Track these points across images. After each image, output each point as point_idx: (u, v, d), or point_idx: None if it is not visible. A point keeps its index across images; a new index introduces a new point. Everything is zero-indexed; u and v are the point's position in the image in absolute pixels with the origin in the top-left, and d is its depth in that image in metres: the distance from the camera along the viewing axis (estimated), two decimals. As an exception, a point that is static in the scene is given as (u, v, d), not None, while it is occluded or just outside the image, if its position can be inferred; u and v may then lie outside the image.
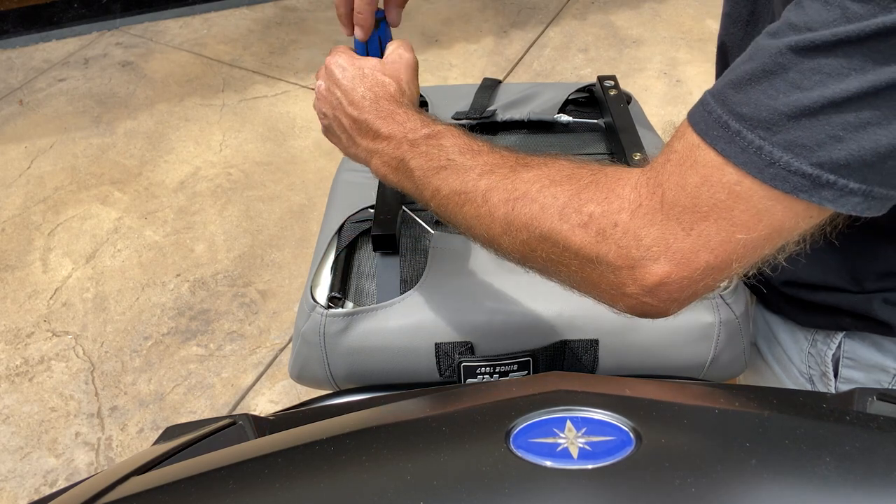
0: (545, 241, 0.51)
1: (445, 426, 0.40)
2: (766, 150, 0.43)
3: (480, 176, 0.55)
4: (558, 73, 2.73)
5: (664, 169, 0.48)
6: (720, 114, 0.45)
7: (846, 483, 0.35)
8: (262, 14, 3.14)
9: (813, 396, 0.52)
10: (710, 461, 0.36)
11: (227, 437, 0.47)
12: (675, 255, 0.47)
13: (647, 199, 0.48)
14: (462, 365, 0.71)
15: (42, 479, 1.58)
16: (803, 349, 0.78)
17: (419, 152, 0.59)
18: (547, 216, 0.51)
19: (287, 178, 2.31)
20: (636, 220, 0.48)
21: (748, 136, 0.44)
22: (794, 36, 0.42)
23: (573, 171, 0.52)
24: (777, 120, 0.43)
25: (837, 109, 0.41)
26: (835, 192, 0.43)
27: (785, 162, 0.43)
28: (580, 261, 0.50)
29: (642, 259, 0.47)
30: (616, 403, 0.39)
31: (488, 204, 0.54)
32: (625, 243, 0.48)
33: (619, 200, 0.49)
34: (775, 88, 0.43)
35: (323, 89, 0.68)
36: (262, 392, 1.73)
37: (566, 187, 0.51)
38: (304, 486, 0.37)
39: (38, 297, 1.96)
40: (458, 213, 0.56)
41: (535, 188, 0.52)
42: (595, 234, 0.49)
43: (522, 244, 0.53)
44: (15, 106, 2.65)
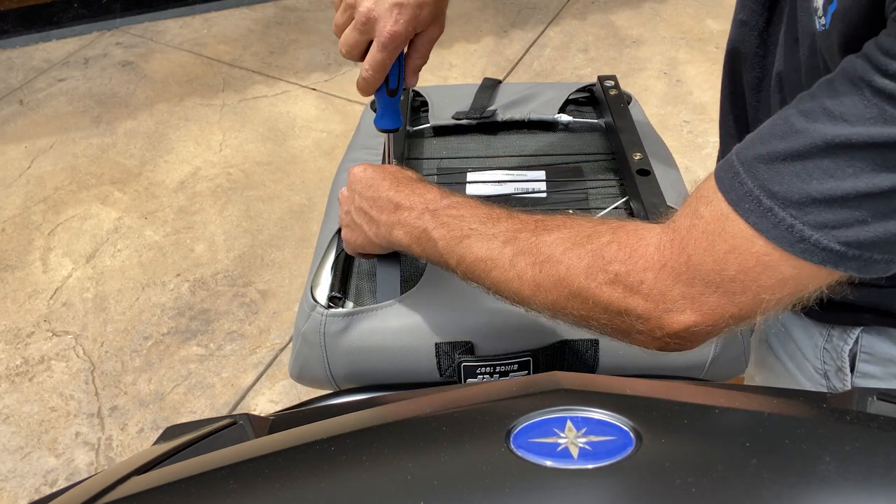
0: (574, 298, 0.54)
1: (445, 426, 0.40)
2: (798, 228, 0.45)
3: (505, 243, 0.58)
4: (558, 73, 2.73)
5: (690, 234, 0.50)
6: (751, 187, 0.47)
7: (846, 483, 0.35)
8: (262, 14, 3.14)
9: (813, 396, 0.52)
10: (711, 461, 0.36)
11: (227, 437, 0.47)
12: (701, 308, 0.50)
13: (671, 260, 0.50)
14: (462, 365, 0.71)
15: (42, 478, 1.58)
16: (818, 345, 0.78)
17: (440, 222, 0.62)
18: (574, 276, 0.54)
19: (287, 178, 2.31)
20: (662, 278, 0.50)
21: (780, 214, 0.46)
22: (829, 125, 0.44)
23: (592, 230, 0.55)
24: (809, 203, 0.45)
25: (867, 199, 0.44)
26: (860, 263, 0.46)
27: (815, 240, 0.45)
28: (609, 314, 0.53)
29: (669, 311, 0.50)
30: (616, 403, 0.39)
31: (516, 269, 0.57)
32: (652, 298, 0.51)
33: (642, 260, 0.51)
34: (808, 174, 0.45)
35: (345, 191, 0.73)
36: (262, 392, 1.73)
37: (588, 248, 0.54)
38: (304, 486, 0.37)
39: (39, 296, 1.96)
40: (485, 278, 0.59)
41: (559, 251, 0.55)
42: (622, 291, 0.52)
43: (553, 303, 0.56)
44: (15, 106, 2.65)
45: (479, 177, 0.89)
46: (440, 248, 0.62)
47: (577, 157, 0.91)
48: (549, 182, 0.87)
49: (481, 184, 0.88)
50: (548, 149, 0.94)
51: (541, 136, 0.96)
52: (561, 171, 0.89)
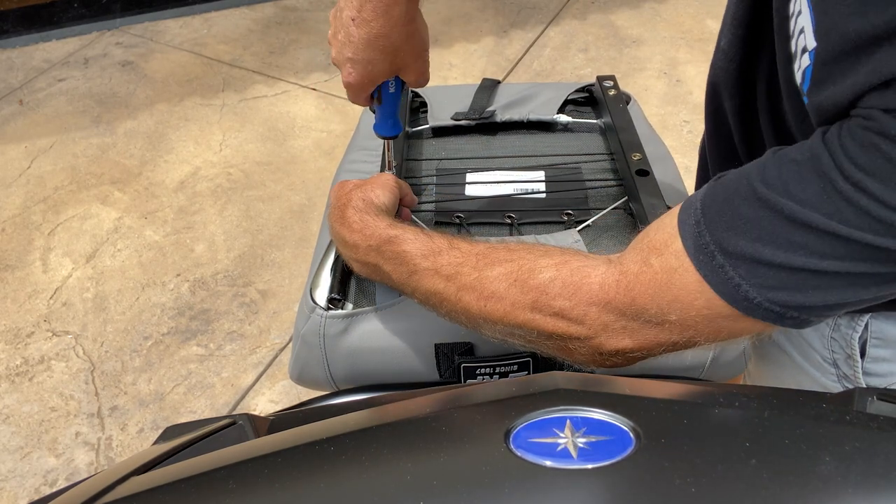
0: (520, 328, 0.57)
1: (445, 426, 0.40)
2: (744, 288, 0.48)
3: (448, 279, 0.60)
4: (558, 73, 2.73)
5: (638, 279, 0.53)
6: (709, 241, 0.49)
7: (846, 483, 0.35)
8: (262, 14, 3.14)
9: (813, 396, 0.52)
10: (710, 461, 0.36)
11: (226, 437, 0.47)
12: (638, 339, 0.54)
13: (616, 299, 0.53)
14: (462, 366, 0.71)
15: (42, 478, 1.58)
16: (825, 335, 0.78)
17: (386, 258, 0.65)
18: (519, 311, 0.56)
19: (287, 178, 2.31)
20: (606, 313, 0.54)
21: (730, 273, 0.49)
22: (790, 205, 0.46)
23: (534, 265, 0.57)
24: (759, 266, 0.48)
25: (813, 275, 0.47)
26: (796, 321, 0.50)
27: (758, 301, 0.48)
28: (554, 340, 0.57)
29: (611, 338, 0.54)
30: (616, 403, 0.39)
31: (462, 302, 0.59)
32: (594, 328, 0.54)
33: (587, 296, 0.54)
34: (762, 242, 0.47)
35: None
36: (262, 392, 1.73)
37: (531, 284, 0.56)
38: (304, 485, 0.37)
39: (38, 296, 1.96)
40: (438, 310, 0.62)
41: (502, 287, 0.57)
42: (566, 322, 0.55)
43: (501, 332, 0.59)
44: (15, 106, 2.65)
45: (479, 177, 0.89)
46: (395, 281, 0.65)
47: (576, 158, 0.91)
48: (548, 182, 0.87)
49: (480, 184, 0.88)
50: (547, 149, 0.94)
51: (540, 137, 0.96)
52: (560, 172, 0.89)
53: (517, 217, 0.82)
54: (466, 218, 0.83)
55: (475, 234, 0.81)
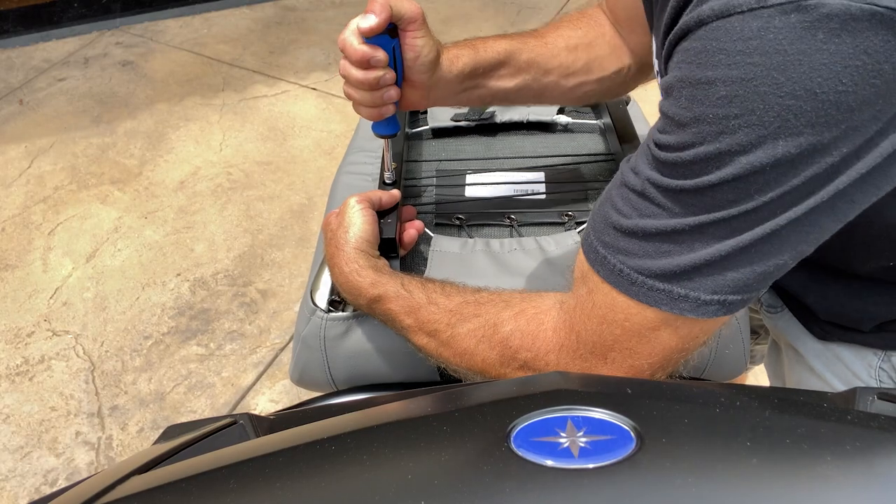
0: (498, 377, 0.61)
1: (446, 425, 0.40)
2: (626, 271, 0.52)
3: (429, 335, 0.65)
4: (558, 73, 2.72)
5: (574, 313, 0.56)
6: (593, 241, 0.54)
7: (847, 482, 0.35)
8: (262, 14, 3.14)
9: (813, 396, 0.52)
10: (711, 460, 0.36)
11: (227, 436, 0.47)
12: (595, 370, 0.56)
13: (565, 340, 0.57)
14: (462, 365, 0.71)
15: (42, 478, 1.58)
16: (872, 365, 0.77)
17: (379, 314, 0.69)
18: (490, 366, 0.61)
19: (287, 178, 2.31)
20: (562, 357, 0.57)
21: (611, 260, 0.52)
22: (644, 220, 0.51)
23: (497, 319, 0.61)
24: (626, 245, 0.52)
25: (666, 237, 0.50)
26: (691, 304, 0.50)
27: (641, 280, 0.51)
28: None
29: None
30: (617, 403, 0.39)
31: (444, 357, 0.64)
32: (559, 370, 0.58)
33: (544, 344, 0.58)
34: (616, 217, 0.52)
35: None
36: (262, 391, 1.73)
37: (496, 339, 0.60)
38: (304, 485, 0.37)
39: (39, 296, 1.96)
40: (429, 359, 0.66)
41: (471, 344, 0.62)
42: (532, 371, 0.59)
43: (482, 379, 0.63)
44: (15, 106, 2.65)
45: (479, 178, 0.89)
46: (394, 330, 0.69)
47: (575, 158, 0.91)
48: (547, 183, 0.87)
49: (480, 185, 0.88)
50: (547, 150, 0.94)
51: (540, 138, 0.96)
52: (560, 173, 0.89)
53: (517, 218, 0.82)
54: (467, 219, 0.83)
55: (475, 235, 0.81)
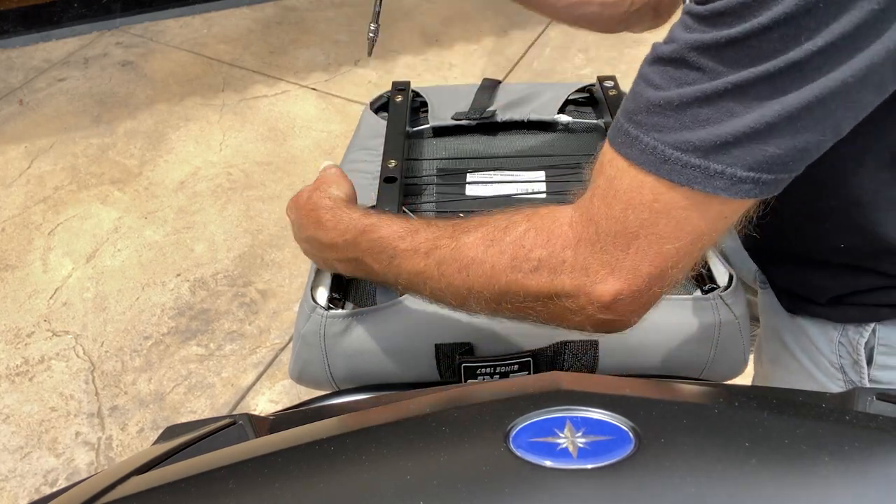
0: (506, 294, 0.56)
1: (445, 426, 0.40)
2: (659, 148, 0.49)
3: (427, 254, 0.59)
4: (558, 73, 2.73)
5: (592, 203, 0.53)
6: (623, 124, 0.52)
7: (846, 483, 0.35)
8: (262, 14, 3.14)
9: (813, 396, 0.52)
10: (710, 461, 0.36)
11: (227, 436, 0.47)
12: (621, 274, 0.52)
13: (583, 233, 0.53)
14: (462, 366, 0.71)
15: (42, 478, 1.58)
16: (833, 339, 0.78)
17: (365, 249, 0.64)
18: (500, 272, 0.55)
19: (287, 178, 2.31)
20: (580, 253, 0.53)
21: (644, 139, 0.50)
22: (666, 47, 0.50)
23: (508, 222, 0.57)
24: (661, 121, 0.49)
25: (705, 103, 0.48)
26: (726, 181, 0.48)
27: (675, 157, 0.49)
28: (541, 301, 0.55)
29: (594, 284, 0.53)
30: (616, 403, 0.39)
31: (445, 277, 0.58)
32: (575, 274, 0.53)
33: (559, 240, 0.54)
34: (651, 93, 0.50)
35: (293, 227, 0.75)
36: (262, 392, 1.73)
37: (507, 241, 0.55)
38: (304, 485, 0.37)
39: (39, 296, 1.96)
40: (423, 290, 0.61)
41: (480, 251, 0.56)
42: (548, 274, 0.54)
43: (487, 302, 0.58)
44: (15, 106, 2.65)
45: (479, 177, 0.89)
46: (378, 272, 0.64)
47: (576, 158, 0.91)
48: (548, 183, 0.87)
49: (481, 184, 0.88)
50: (547, 149, 0.94)
51: (540, 137, 0.96)
52: (560, 172, 0.89)
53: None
54: (466, 218, 0.83)
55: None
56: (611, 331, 0.56)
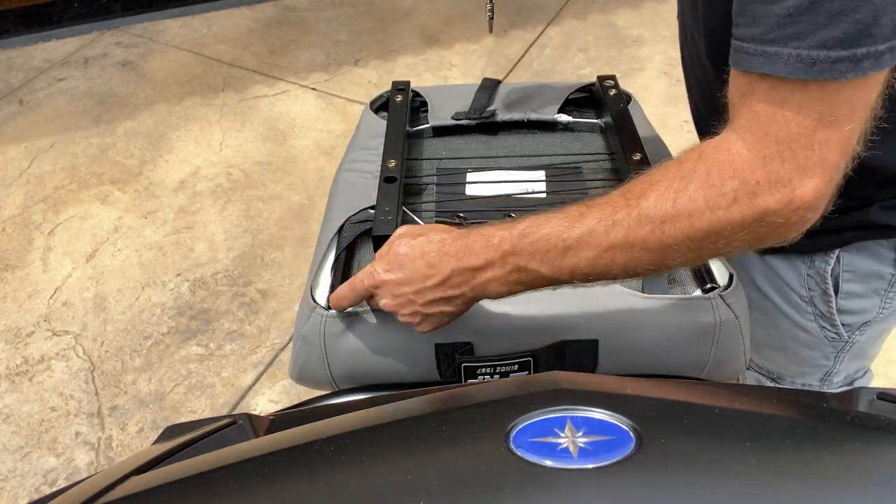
0: (709, 235, 0.57)
1: (445, 425, 0.40)
2: (804, 55, 0.51)
3: (608, 230, 0.59)
4: (558, 73, 2.73)
5: (759, 120, 0.55)
6: (753, 47, 0.53)
7: (846, 483, 0.35)
8: (262, 14, 3.14)
9: (813, 396, 0.52)
10: (710, 461, 0.36)
11: (226, 436, 0.47)
12: (814, 171, 0.54)
13: (765, 150, 0.55)
14: (462, 366, 0.71)
15: (42, 478, 1.58)
16: (801, 273, 0.82)
17: (528, 254, 0.61)
18: (699, 217, 0.56)
19: (287, 178, 2.31)
20: (770, 169, 0.55)
21: (784, 52, 0.52)
22: None
23: (683, 172, 0.57)
24: (796, 30, 0.51)
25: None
26: (872, 61, 0.51)
27: (823, 56, 0.51)
28: (747, 230, 0.57)
29: (793, 191, 0.55)
30: (616, 403, 0.39)
31: (637, 245, 0.58)
32: (774, 190, 0.55)
33: (744, 164, 0.55)
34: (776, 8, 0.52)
35: (390, 303, 0.68)
36: (262, 392, 1.73)
37: (693, 186, 0.56)
38: (304, 485, 0.37)
39: (39, 296, 1.96)
40: (611, 269, 0.60)
41: (668, 206, 0.57)
42: (748, 201, 0.55)
43: (687, 252, 0.58)
44: (15, 105, 2.65)
45: (479, 177, 0.89)
46: (546, 273, 0.62)
47: (576, 157, 0.91)
48: (548, 182, 0.87)
49: (481, 184, 0.88)
50: (547, 149, 0.94)
51: (540, 137, 0.96)
52: (560, 172, 0.89)
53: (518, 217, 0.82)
54: (467, 218, 0.83)
55: (475, 233, 0.81)
56: (807, 227, 0.58)
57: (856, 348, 0.89)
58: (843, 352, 0.90)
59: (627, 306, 0.71)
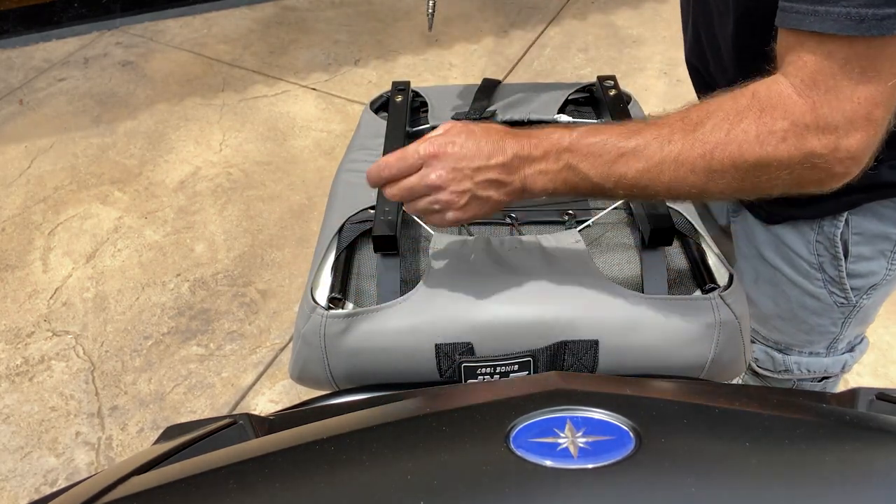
0: (755, 169, 0.61)
1: (445, 425, 0.40)
2: (853, 12, 0.54)
3: (662, 146, 0.62)
4: (558, 73, 2.73)
5: (807, 69, 0.58)
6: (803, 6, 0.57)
7: (846, 483, 0.35)
8: (262, 14, 3.14)
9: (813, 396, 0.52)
10: (710, 461, 0.36)
11: (227, 436, 0.47)
12: (859, 122, 0.58)
13: (815, 97, 0.58)
14: (463, 365, 0.71)
15: (42, 478, 1.58)
16: (810, 240, 0.84)
17: (581, 155, 0.64)
18: (748, 150, 0.60)
19: (287, 178, 2.31)
20: (819, 114, 0.58)
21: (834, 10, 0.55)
22: None
23: (735, 108, 0.61)
24: None
25: None
26: None
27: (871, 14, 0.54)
28: (790, 169, 0.60)
29: (839, 139, 0.58)
30: (616, 403, 0.39)
31: (685, 165, 0.62)
32: (822, 135, 0.58)
33: (795, 107, 0.59)
34: None
35: (445, 175, 0.66)
36: (262, 392, 1.73)
37: (747, 121, 0.60)
38: (304, 485, 0.37)
39: (39, 296, 1.96)
40: (656, 184, 0.63)
41: (721, 134, 0.61)
42: (796, 141, 0.59)
43: (731, 182, 0.62)
44: (15, 106, 2.65)
45: (479, 177, 0.89)
46: (593, 177, 0.64)
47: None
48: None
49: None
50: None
51: (541, 136, 0.96)
52: (561, 172, 0.89)
53: (518, 217, 0.82)
54: (466, 218, 0.83)
55: (476, 233, 0.81)
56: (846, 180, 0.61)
57: (861, 313, 0.91)
58: (850, 317, 0.91)
59: (627, 306, 0.71)
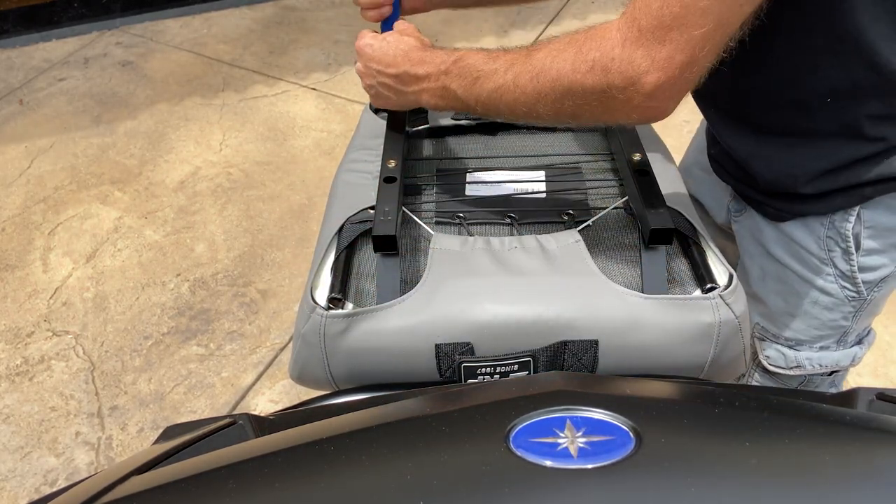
0: (568, 93, 0.67)
1: (445, 425, 0.40)
2: None
3: (506, 71, 0.72)
4: (558, 73, 2.72)
5: (634, 6, 0.63)
6: None
7: (846, 483, 0.35)
8: (262, 14, 3.14)
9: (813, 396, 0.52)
10: (710, 461, 0.36)
11: (227, 436, 0.47)
12: (659, 63, 0.63)
13: (628, 33, 0.64)
14: (462, 365, 0.71)
15: (42, 478, 1.58)
16: (821, 236, 0.85)
17: (454, 76, 0.76)
18: (563, 74, 0.67)
19: (287, 178, 2.31)
20: (626, 49, 0.64)
21: None
22: None
23: (571, 38, 0.68)
24: None
25: None
26: None
27: None
28: (597, 96, 0.66)
29: (638, 75, 0.63)
30: (616, 403, 0.39)
31: (519, 87, 0.70)
32: (623, 68, 0.64)
33: (609, 41, 0.65)
34: None
35: (361, 68, 0.87)
36: (262, 392, 1.73)
37: (570, 50, 0.67)
38: (303, 485, 0.37)
39: (39, 296, 1.96)
40: (500, 105, 0.73)
41: (548, 61, 0.68)
42: (601, 71, 0.65)
43: (552, 104, 0.69)
44: (15, 106, 2.65)
45: (479, 177, 0.89)
46: (461, 96, 0.76)
47: (576, 157, 0.91)
48: (548, 182, 0.87)
49: (481, 184, 0.88)
50: (547, 149, 0.94)
51: (540, 137, 0.96)
52: (560, 171, 0.89)
53: (517, 217, 0.82)
54: (467, 218, 0.83)
55: (475, 233, 0.81)
56: (654, 119, 0.67)
57: (871, 306, 0.91)
58: (861, 310, 0.91)
59: (627, 306, 0.71)
